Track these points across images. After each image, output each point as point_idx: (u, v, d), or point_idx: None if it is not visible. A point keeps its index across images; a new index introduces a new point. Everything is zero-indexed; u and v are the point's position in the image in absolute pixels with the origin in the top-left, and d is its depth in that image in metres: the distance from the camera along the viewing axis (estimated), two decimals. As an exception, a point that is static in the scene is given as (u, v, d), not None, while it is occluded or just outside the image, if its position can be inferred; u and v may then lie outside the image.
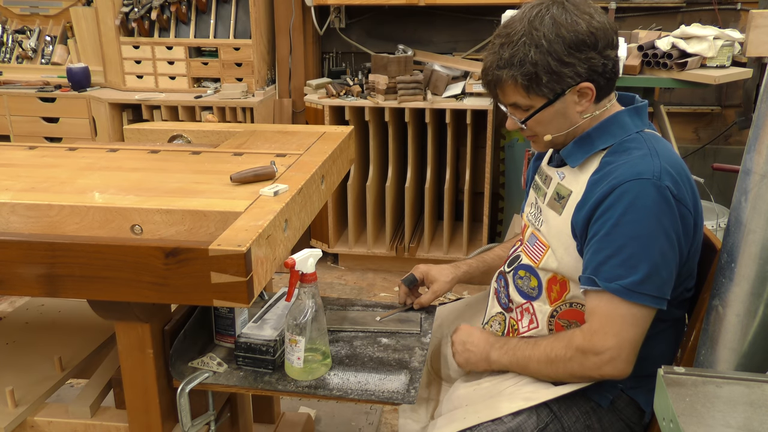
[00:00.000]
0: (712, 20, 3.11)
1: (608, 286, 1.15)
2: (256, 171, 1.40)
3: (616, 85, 1.29)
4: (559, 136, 1.27)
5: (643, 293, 1.14)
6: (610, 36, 1.21)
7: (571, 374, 1.22)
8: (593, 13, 1.20)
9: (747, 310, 1.06)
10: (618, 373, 1.18)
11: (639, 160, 1.18)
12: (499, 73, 1.21)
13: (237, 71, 3.32)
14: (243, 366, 1.35)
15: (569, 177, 1.28)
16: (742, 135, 3.33)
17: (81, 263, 1.15)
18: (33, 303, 1.87)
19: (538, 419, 1.27)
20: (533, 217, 1.37)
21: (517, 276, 1.35)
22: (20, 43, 3.65)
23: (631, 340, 1.16)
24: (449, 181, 3.21)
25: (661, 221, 1.14)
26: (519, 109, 1.26)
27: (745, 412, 0.84)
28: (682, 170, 1.20)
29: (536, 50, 1.17)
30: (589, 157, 1.25)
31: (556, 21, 1.17)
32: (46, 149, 1.73)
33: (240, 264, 1.09)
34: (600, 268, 1.17)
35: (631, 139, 1.23)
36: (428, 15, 3.39)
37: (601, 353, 1.17)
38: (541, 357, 1.24)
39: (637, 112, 1.28)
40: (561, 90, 1.20)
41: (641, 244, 1.14)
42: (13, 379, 1.50)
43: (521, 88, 1.21)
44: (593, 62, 1.19)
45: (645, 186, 1.14)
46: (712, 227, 2.76)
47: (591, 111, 1.25)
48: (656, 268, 1.14)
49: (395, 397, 1.27)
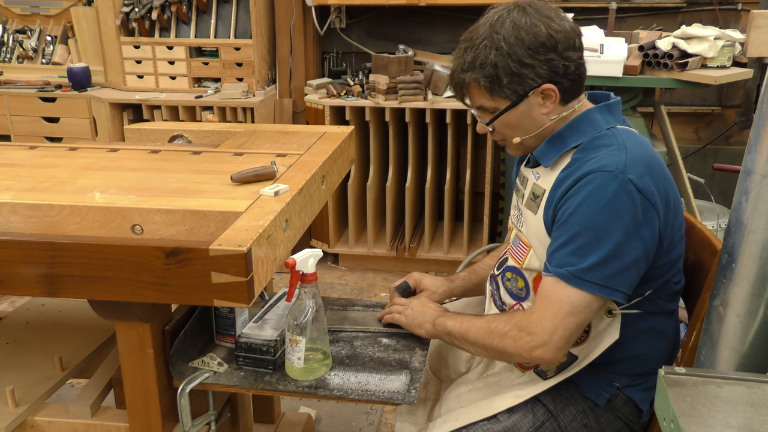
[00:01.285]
0: (712, 20, 3.11)
1: (557, 271, 1.17)
2: (256, 171, 1.40)
3: (619, 85, 1.29)
4: (528, 139, 1.29)
5: (589, 281, 1.15)
6: (572, 38, 1.22)
7: (503, 350, 1.23)
8: (553, 16, 1.22)
9: (748, 311, 1.06)
10: (547, 358, 1.18)
11: (606, 154, 1.19)
12: (463, 76, 1.25)
13: (237, 71, 3.32)
14: (243, 366, 1.35)
15: (543, 176, 1.29)
16: (743, 135, 3.33)
17: (81, 263, 1.15)
18: (33, 303, 1.87)
19: (534, 418, 1.27)
20: (516, 219, 1.39)
21: (505, 278, 1.37)
22: (21, 42, 3.65)
23: (567, 327, 1.16)
24: (450, 181, 3.21)
25: (619, 213, 1.15)
26: (486, 112, 1.28)
27: (746, 412, 0.84)
28: (653, 164, 1.20)
29: (496, 53, 1.20)
30: (562, 155, 1.26)
31: (516, 24, 1.20)
32: (46, 149, 1.73)
33: (240, 264, 1.09)
34: (554, 254, 1.19)
35: (601, 135, 1.24)
36: (429, 15, 3.39)
37: (534, 334, 1.18)
38: (482, 326, 1.26)
39: (608, 109, 1.28)
40: (523, 91, 1.22)
41: (594, 234, 1.15)
42: (13, 378, 1.50)
43: (484, 90, 1.24)
44: (554, 64, 1.21)
45: (606, 178, 1.15)
46: (713, 227, 2.76)
47: (558, 112, 1.26)
48: (607, 259, 1.15)
49: (396, 397, 1.27)
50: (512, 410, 1.28)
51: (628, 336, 1.25)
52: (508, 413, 1.28)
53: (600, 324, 1.23)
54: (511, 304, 1.35)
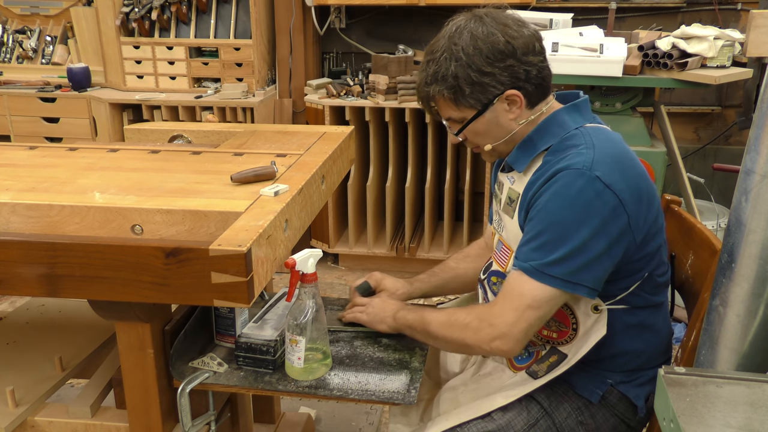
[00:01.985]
0: (712, 20, 3.11)
1: (521, 264, 1.18)
2: (256, 171, 1.40)
3: (619, 85, 1.29)
4: (499, 145, 1.30)
5: (552, 275, 1.16)
6: (531, 43, 1.23)
7: (463, 341, 1.23)
8: (510, 23, 1.23)
9: (747, 310, 1.06)
10: (506, 350, 1.19)
11: (574, 154, 1.19)
12: (428, 90, 1.26)
13: (237, 71, 3.32)
14: (243, 366, 1.35)
15: (518, 180, 1.30)
16: (743, 135, 3.33)
17: (81, 263, 1.15)
18: (33, 303, 1.87)
19: (528, 416, 1.27)
20: (497, 223, 1.40)
21: (490, 282, 1.37)
22: (21, 43, 3.65)
23: (528, 319, 1.17)
24: (449, 181, 3.21)
25: (585, 210, 1.15)
26: (455, 123, 1.30)
27: (746, 412, 0.84)
28: (622, 159, 1.21)
29: (456, 64, 1.21)
30: (534, 158, 1.27)
31: (473, 34, 1.21)
32: (46, 149, 1.72)
33: (240, 264, 1.09)
34: (521, 249, 1.20)
35: (570, 136, 1.24)
36: (428, 15, 3.39)
37: (494, 325, 1.19)
38: (442, 319, 1.27)
39: (576, 108, 1.29)
40: (487, 100, 1.23)
41: (559, 230, 1.16)
42: (13, 379, 1.50)
43: (450, 102, 1.25)
44: (514, 69, 1.21)
45: (572, 176, 1.16)
46: (713, 227, 2.76)
47: (526, 117, 1.27)
48: (571, 254, 1.15)
49: (395, 397, 1.27)
50: (506, 408, 1.28)
51: (617, 332, 1.25)
52: (502, 411, 1.28)
53: (587, 321, 1.24)
54: None
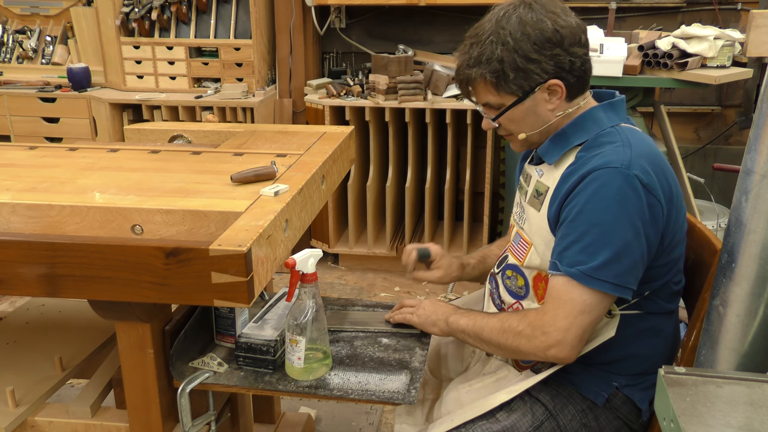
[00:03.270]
0: (712, 20, 3.11)
1: (568, 270, 1.17)
2: (256, 171, 1.40)
3: (619, 85, 1.29)
4: (533, 135, 1.29)
5: (601, 279, 1.15)
6: (578, 34, 1.22)
7: (517, 348, 1.23)
8: (560, 12, 1.22)
9: (747, 310, 1.06)
10: (562, 357, 1.19)
11: (611, 151, 1.19)
12: (469, 72, 1.24)
13: (237, 71, 3.32)
14: (243, 366, 1.35)
15: (547, 174, 1.29)
16: (743, 135, 3.33)
17: (81, 263, 1.15)
18: (33, 303, 1.86)
19: (533, 417, 1.27)
20: (518, 216, 1.39)
21: (505, 276, 1.37)
22: (20, 43, 3.64)
23: (581, 325, 1.17)
24: (449, 181, 3.21)
25: (626, 209, 1.15)
26: (491, 108, 1.28)
27: (746, 412, 0.84)
28: (657, 161, 1.21)
29: (503, 48, 1.20)
30: (566, 153, 1.26)
31: (522, 20, 1.20)
32: (46, 149, 1.72)
33: (240, 264, 1.08)
34: (563, 253, 1.19)
35: (605, 133, 1.24)
36: (429, 15, 3.39)
37: (548, 333, 1.18)
38: (495, 325, 1.26)
39: (612, 107, 1.29)
40: (530, 87, 1.22)
41: (603, 231, 1.15)
42: (13, 379, 1.50)
43: (491, 86, 1.24)
44: (560, 59, 1.21)
45: (612, 174, 1.15)
46: (713, 227, 2.76)
47: (563, 109, 1.26)
48: (617, 256, 1.15)
49: (396, 397, 1.26)
50: (511, 409, 1.28)
51: (627, 336, 1.25)
52: (507, 413, 1.28)
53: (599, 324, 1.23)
54: (510, 302, 1.35)
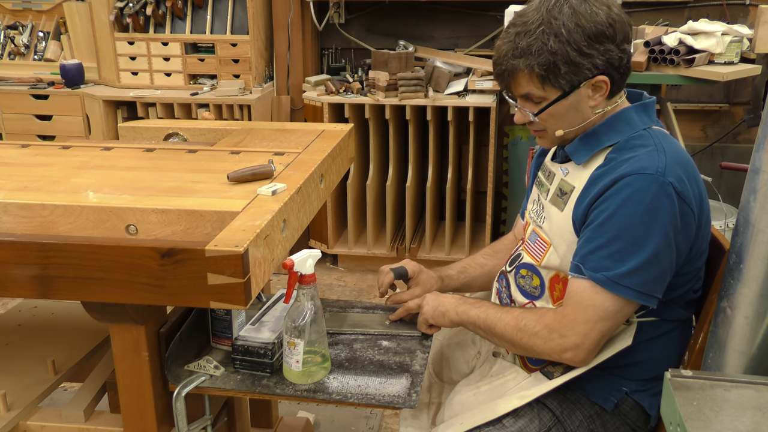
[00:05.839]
0: (720, 16, 3.09)
1: (593, 275, 1.15)
2: (253, 170, 1.39)
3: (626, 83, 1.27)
4: (570, 132, 1.25)
5: (627, 286, 1.13)
6: (627, 29, 1.20)
7: (531, 348, 1.21)
8: (611, 4, 1.18)
9: (756, 312, 1.05)
10: (578, 361, 1.18)
11: (645, 155, 1.16)
12: (515, 63, 1.19)
13: (234, 68, 3.30)
14: (240, 369, 1.34)
15: (573, 173, 1.26)
16: (751, 133, 3.31)
17: (75, 264, 1.14)
18: (26, 305, 1.86)
19: (540, 423, 1.26)
20: (535, 214, 1.36)
21: (519, 275, 1.34)
22: (12, 38, 3.62)
23: (600, 331, 1.16)
24: (451, 180, 3.20)
25: (659, 218, 1.12)
26: (530, 102, 1.23)
27: (754, 416, 0.84)
28: (689, 168, 1.18)
29: (555, 39, 1.15)
30: (595, 154, 1.23)
31: (576, 11, 1.16)
32: (38, 147, 1.71)
33: (237, 265, 1.08)
34: (588, 257, 1.16)
35: (638, 135, 1.21)
36: (430, 10, 3.38)
37: (566, 336, 1.17)
38: (510, 321, 1.24)
39: (644, 108, 1.26)
40: (577, 82, 1.18)
41: (633, 238, 1.13)
42: (5, 382, 1.49)
43: (537, 79, 1.19)
44: (611, 55, 1.17)
45: (646, 181, 1.13)
46: (720, 227, 2.74)
47: (602, 106, 1.23)
48: (645, 264, 1.13)
49: (396, 401, 1.25)
50: (518, 415, 1.26)
51: (641, 341, 1.23)
52: (514, 418, 1.26)
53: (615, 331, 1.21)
54: (522, 302, 1.33)
